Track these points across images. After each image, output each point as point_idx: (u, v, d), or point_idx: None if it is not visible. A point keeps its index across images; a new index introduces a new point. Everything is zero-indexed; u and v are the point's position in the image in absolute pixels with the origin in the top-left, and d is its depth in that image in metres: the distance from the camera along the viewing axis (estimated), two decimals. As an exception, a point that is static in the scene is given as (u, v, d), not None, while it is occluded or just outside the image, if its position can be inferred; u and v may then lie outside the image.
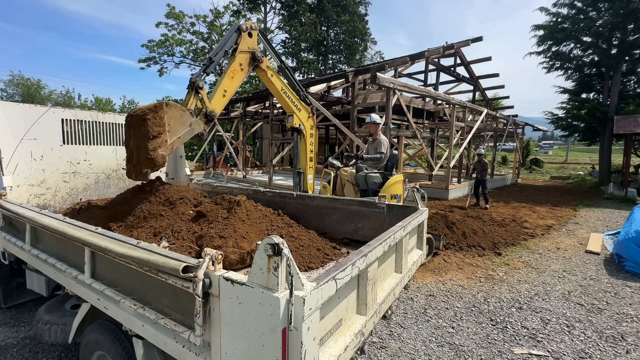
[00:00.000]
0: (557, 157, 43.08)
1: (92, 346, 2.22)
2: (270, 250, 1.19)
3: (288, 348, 1.21)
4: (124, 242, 1.77)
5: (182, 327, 1.49)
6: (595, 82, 17.29)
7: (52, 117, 3.80)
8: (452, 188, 12.20)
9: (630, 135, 13.51)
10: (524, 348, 3.24)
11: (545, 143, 75.18)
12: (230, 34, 4.32)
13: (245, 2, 27.58)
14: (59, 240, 2.38)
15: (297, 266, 1.25)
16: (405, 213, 2.83)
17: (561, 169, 27.77)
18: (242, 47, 4.35)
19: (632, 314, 3.93)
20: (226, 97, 4.23)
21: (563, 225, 8.44)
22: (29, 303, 3.85)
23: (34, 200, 3.66)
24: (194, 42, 30.31)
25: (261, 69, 4.76)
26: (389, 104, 9.24)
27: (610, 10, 14.91)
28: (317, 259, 2.58)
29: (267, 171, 13.28)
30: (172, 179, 5.09)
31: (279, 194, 3.96)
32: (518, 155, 19.77)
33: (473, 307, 4.04)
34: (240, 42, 4.33)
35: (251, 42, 4.48)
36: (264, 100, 15.69)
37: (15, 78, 29.11)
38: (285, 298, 1.18)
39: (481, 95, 19.76)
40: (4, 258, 3.18)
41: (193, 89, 3.77)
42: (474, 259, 5.69)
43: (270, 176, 13.03)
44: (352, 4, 27.68)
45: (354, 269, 1.62)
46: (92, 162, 4.18)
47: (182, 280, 1.40)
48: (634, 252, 5.18)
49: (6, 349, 3.11)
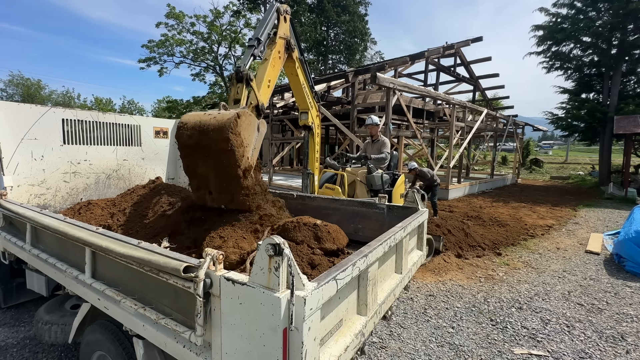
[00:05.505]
0: (557, 157, 43.09)
1: (92, 346, 2.22)
2: (271, 250, 1.19)
3: (289, 348, 1.21)
4: (124, 242, 1.77)
5: (183, 327, 1.49)
6: (595, 82, 17.29)
7: (53, 117, 3.80)
8: (452, 188, 12.20)
9: (630, 135, 13.51)
10: (524, 348, 3.24)
11: (545, 143, 75.21)
12: (269, 15, 3.75)
13: (245, 2, 27.57)
14: (59, 240, 2.38)
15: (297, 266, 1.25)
16: (406, 214, 2.83)
17: (561, 169, 27.78)
18: (280, 32, 3.88)
19: (632, 314, 3.93)
20: (270, 87, 3.70)
21: (563, 225, 8.44)
22: (29, 303, 3.85)
23: (34, 200, 3.66)
24: (194, 42, 30.34)
25: (291, 59, 4.31)
26: (389, 104, 9.24)
27: (609, 11, 14.91)
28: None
29: (267, 171, 13.28)
30: (172, 179, 5.10)
31: (279, 194, 3.96)
32: (518, 155, 19.78)
33: (473, 307, 4.04)
34: (279, 26, 3.86)
35: (286, 28, 4.02)
36: (264, 100, 15.66)
37: (15, 78, 29.11)
38: (286, 298, 1.18)
39: (481, 95, 19.78)
40: (4, 258, 3.18)
41: (244, 80, 3.11)
42: (474, 259, 5.69)
43: (270, 176, 13.03)
44: (352, 4, 27.69)
45: (355, 269, 1.63)
46: (92, 162, 4.18)
47: (183, 280, 1.40)
48: (634, 252, 5.18)
49: (6, 349, 3.11)
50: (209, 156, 2.56)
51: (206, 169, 2.64)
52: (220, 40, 30.51)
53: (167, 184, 4.07)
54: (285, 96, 14.76)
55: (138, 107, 36.72)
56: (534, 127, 21.76)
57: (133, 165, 4.64)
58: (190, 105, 32.37)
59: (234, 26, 30.28)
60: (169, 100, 33.44)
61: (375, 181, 5.17)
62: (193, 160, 2.66)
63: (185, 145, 2.63)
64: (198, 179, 2.73)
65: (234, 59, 32.08)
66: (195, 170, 2.69)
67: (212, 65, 31.88)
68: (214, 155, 2.54)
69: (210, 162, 2.59)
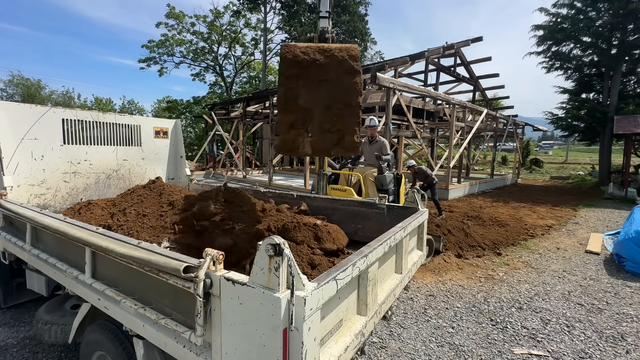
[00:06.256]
0: (557, 157, 43.08)
1: (92, 346, 2.22)
2: (271, 251, 1.19)
3: (289, 348, 1.21)
4: (124, 242, 1.77)
5: (183, 327, 1.49)
6: (595, 82, 17.29)
7: (53, 117, 3.80)
8: (452, 188, 12.20)
9: (630, 135, 13.51)
10: (524, 348, 3.24)
11: (545, 143, 75.17)
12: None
13: (245, 2, 27.60)
14: (59, 240, 2.38)
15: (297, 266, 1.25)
16: (406, 214, 2.83)
17: (561, 169, 27.77)
18: None
19: (632, 314, 3.93)
20: None
21: (563, 225, 8.44)
22: (29, 303, 3.85)
23: (35, 200, 3.66)
24: (194, 42, 30.38)
25: None
26: (389, 104, 9.24)
27: (609, 11, 14.91)
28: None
29: (267, 171, 13.27)
30: (172, 179, 5.10)
31: (279, 194, 3.96)
32: (518, 155, 19.78)
33: (473, 307, 4.04)
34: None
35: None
36: (264, 100, 15.70)
37: (15, 78, 29.09)
38: (286, 298, 1.18)
39: (481, 95, 19.77)
40: (4, 258, 3.18)
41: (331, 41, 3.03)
42: (474, 259, 5.69)
43: (270, 176, 13.03)
44: (352, 4, 27.65)
45: (355, 269, 1.63)
46: (92, 162, 4.18)
47: (183, 281, 1.40)
48: (634, 252, 5.18)
49: (6, 349, 3.11)
50: (325, 80, 2.13)
51: (312, 99, 2.15)
52: (220, 40, 30.53)
53: (167, 184, 4.07)
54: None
55: (138, 107, 36.71)
56: (534, 127, 21.76)
57: (133, 165, 4.64)
58: (190, 105, 32.38)
59: (234, 26, 30.31)
60: (169, 100, 33.47)
61: (387, 181, 5.38)
62: (296, 86, 2.13)
63: (293, 62, 2.10)
64: (296, 113, 2.19)
65: (234, 59, 32.09)
66: (296, 100, 2.15)
67: (212, 65, 31.90)
68: (333, 79, 2.12)
69: (322, 90, 2.14)
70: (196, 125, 31.44)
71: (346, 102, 2.16)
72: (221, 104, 18.96)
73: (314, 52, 2.10)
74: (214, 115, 16.65)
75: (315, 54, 2.10)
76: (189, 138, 30.74)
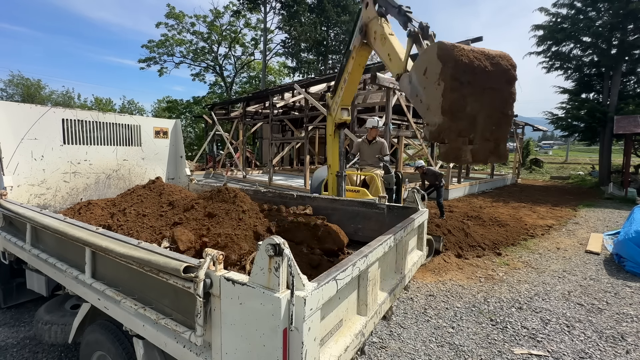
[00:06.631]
0: (557, 157, 43.09)
1: (92, 346, 2.22)
2: (271, 251, 1.19)
3: (289, 348, 1.21)
4: (124, 242, 1.77)
5: (183, 327, 1.49)
6: (595, 82, 17.28)
7: (53, 117, 3.80)
8: (452, 188, 12.20)
9: (630, 135, 13.50)
10: (524, 348, 3.24)
11: (545, 143, 75.18)
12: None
13: (245, 2, 27.61)
14: (59, 240, 2.38)
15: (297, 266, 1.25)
16: (406, 214, 2.83)
17: (561, 169, 27.77)
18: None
19: (632, 314, 3.93)
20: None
21: (563, 225, 8.44)
22: (29, 303, 3.85)
23: (34, 200, 3.66)
24: (194, 42, 30.39)
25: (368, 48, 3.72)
26: (389, 104, 9.24)
27: (609, 11, 14.91)
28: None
29: (267, 171, 13.28)
30: (172, 179, 5.10)
31: (279, 194, 3.96)
32: (518, 155, 19.76)
33: (473, 307, 4.04)
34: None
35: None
36: (263, 100, 15.69)
37: (15, 78, 29.08)
38: (286, 298, 1.18)
39: (481, 95, 19.72)
40: (4, 258, 3.18)
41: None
42: (474, 259, 5.69)
43: (270, 176, 13.03)
44: (352, 4, 27.66)
45: (355, 269, 1.63)
46: (92, 162, 4.18)
47: (183, 281, 1.40)
48: (634, 252, 5.18)
49: (6, 349, 3.11)
50: (489, 89, 2.13)
51: (477, 108, 2.15)
52: (220, 40, 30.54)
53: (167, 184, 4.07)
54: (285, 96, 14.76)
55: (138, 107, 36.69)
56: (534, 127, 21.74)
57: (133, 165, 4.64)
58: (190, 105, 32.39)
59: (234, 26, 30.33)
60: (169, 100, 33.47)
61: (392, 180, 5.59)
62: (463, 95, 2.09)
63: (468, 68, 2.07)
64: (465, 121, 2.15)
65: (234, 59, 32.11)
66: (465, 108, 2.12)
67: (212, 65, 31.91)
68: (497, 87, 2.13)
69: (484, 98, 2.15)
70: (196, 125, 31.45)
71: (503, 111, 2.21)
72: (221, 104, 18.96)
73: (483, 58, 2.13)
74: (214, 115, 16.65)
75: (484, 60, 2.12)
76: (189, 138, 30.74)
